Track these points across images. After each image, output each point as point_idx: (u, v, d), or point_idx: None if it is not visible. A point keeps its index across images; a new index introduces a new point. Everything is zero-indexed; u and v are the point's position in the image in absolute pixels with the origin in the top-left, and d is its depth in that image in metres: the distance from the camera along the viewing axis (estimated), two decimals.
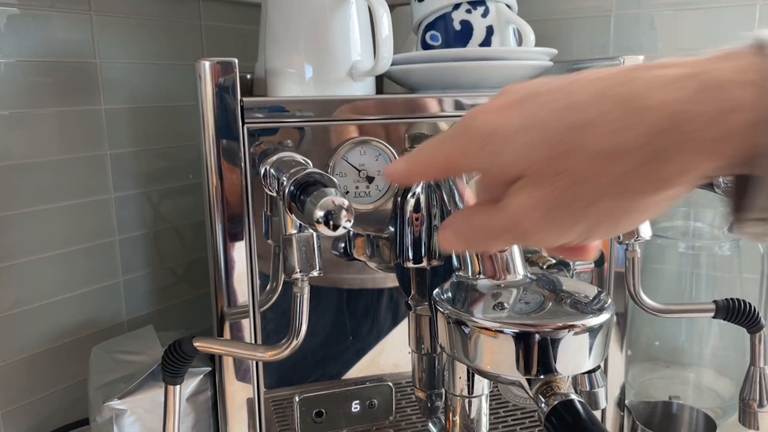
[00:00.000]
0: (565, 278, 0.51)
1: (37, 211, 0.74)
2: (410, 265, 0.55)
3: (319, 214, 0.35)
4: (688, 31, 0.85)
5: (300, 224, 0.46)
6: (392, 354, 0.62)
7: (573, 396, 0.39)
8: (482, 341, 0.42)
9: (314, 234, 0.46)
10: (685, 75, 0.26)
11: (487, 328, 0.41)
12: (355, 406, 0.55)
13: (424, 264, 0.55)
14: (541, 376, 0.40)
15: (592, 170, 0.27)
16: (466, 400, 0.52)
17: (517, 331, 0.40)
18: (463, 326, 0.42)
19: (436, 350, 0.61)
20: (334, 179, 0.40)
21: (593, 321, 0.41)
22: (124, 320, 0.86)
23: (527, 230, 0.29)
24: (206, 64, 0.48)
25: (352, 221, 0.36)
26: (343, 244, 0.60)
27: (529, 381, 0.41)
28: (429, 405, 0.61)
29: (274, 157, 0.50)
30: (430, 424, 0.61)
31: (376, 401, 0.56)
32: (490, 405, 0.70)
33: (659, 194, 0.27)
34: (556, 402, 0.38)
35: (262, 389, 0.58)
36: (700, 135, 0.25)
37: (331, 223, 0.35)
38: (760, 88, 0.24)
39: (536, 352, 0.40)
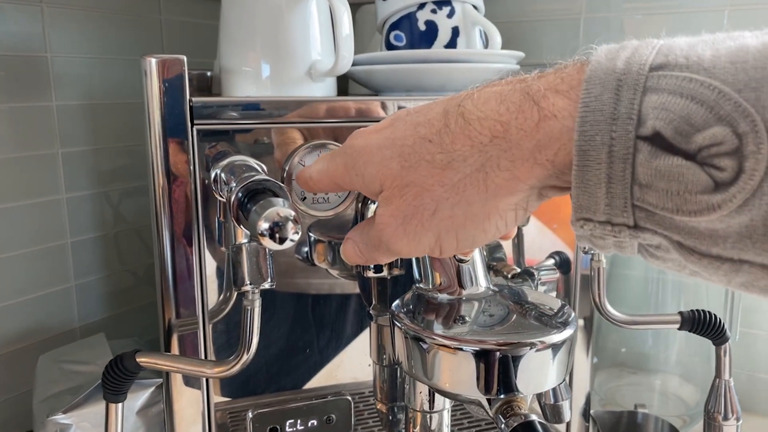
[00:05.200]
0: (530, 290, 0.49)
1: None
2: (370, 274, 0.53)
3: (264, 226, 0.33)
4: (657, 36, 0.85)
5: (251, 234, 0.43)
6: (352, 365, 0.60)
7: (533, 417, 0.37)
8: (441, 359, 0.40)
9: None
10: (512, 90, 0.28)
11: (446, 345, 0.39)
12: (312, 422, 0.53)
13: (385, 273, 0.53)
14: (502, 396, 0.38)
15: (431, 180, 0.30)
16: (427, 415, 0.50)
17: (477, 348, 0.38)
18: (421, 343, 0.40)
19: (399, 362, 0.59)
20: (284, 187, 0.37)
21: (556, 337, 0.39)
22: (76, 326, 0.83)
23: (389, 240, 0.32)
24: (152, 61, 0.45)
25: (300, 233, 0.33)
26: (306, 249, 0.57)
27: (489, 401, 0.39)
28: (390, 418, 0.59)
29: (226, 161, 0.47)
30: None
31: (334, 416, 0.54)
32: (454, 415, 0.69)
33: (495, 202, 0.29)
34: (516, 423, 0.37)
35: (213, 401, 0.55)
36: (523, 144, 0.27)
37: (277, 236, 0.33)
38: (573, 97, 0.26)
39: (497, 371, 0.38)
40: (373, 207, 0.53)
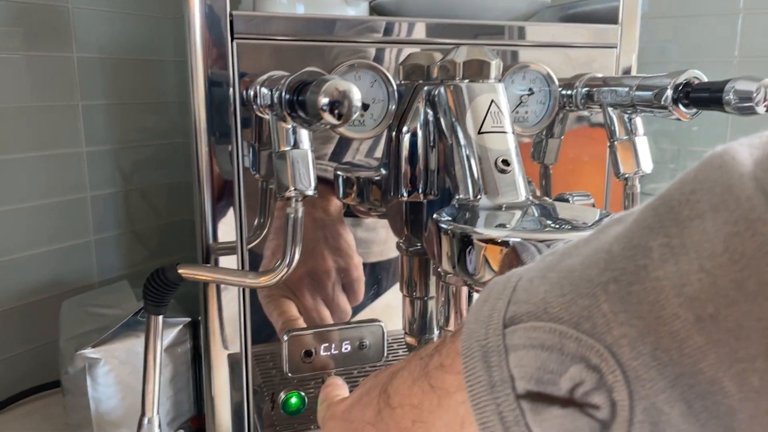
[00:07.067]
0: (565, 205, 0.49)
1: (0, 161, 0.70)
2: (405, 198, 0.53)
3: (324, 101, 0.33)
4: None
5: (294, 141, 0.43)
6: (384, 299, 0.60)
7: None
8: (487, 255, 0.40)
9: (309, 150, 0.44)
10: (417, 371, 0.30)
11: (493, 240, 0.39)
12: (346, 346, 0.53)
13: (420, 197, 0.53)
14: None
15: None
16: None
17: (523, 241, 0.38)
18: (467, 240, 0.40)
19: (428, 294, 0.59)
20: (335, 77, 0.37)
21: None
22: (95, 281, 0.82)
23: None
24: None
25: (359, 108, 0.33)
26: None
27: None
28: None
29: (265, 76, 0.47)
30: None
31: (367, 342, 0.54)
32: None
33: None
34: None
35: (249, 341, 0.55)
36: (438, 423, 0.28)
37: (336, 111, 0.33)
38: (457, 370, 0.26)
39: None
40: (408, 136, 0.54)
